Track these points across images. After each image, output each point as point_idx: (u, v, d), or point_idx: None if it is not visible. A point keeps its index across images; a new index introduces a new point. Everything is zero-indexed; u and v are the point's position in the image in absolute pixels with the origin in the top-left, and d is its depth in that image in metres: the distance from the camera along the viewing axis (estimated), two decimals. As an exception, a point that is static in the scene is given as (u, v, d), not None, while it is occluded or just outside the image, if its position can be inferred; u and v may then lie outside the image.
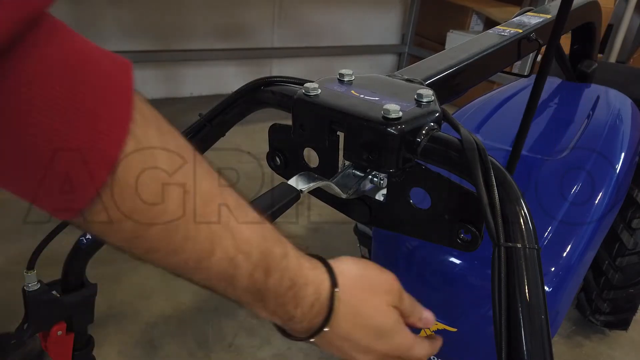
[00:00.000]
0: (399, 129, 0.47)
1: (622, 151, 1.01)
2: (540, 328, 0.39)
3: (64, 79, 0.26)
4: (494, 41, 0.77)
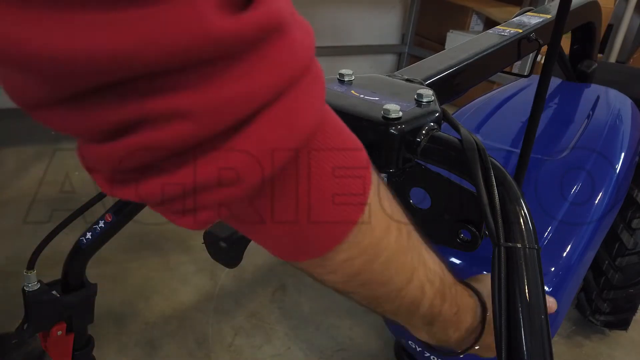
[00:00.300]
0: (399, 129, 0.47)
1: (622, 151, 1.01)
2: (540, 328, 0.39)
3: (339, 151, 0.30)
4: (494, 41, 0.77)
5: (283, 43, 0.23)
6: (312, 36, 0.26)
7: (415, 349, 0.94)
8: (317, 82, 0.26)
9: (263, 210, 0.28)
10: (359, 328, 1.35)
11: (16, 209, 1.64)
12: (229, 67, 0.21)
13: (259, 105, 0.23)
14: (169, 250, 1.55)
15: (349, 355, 1.27)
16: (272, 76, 0.23)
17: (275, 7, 0.22)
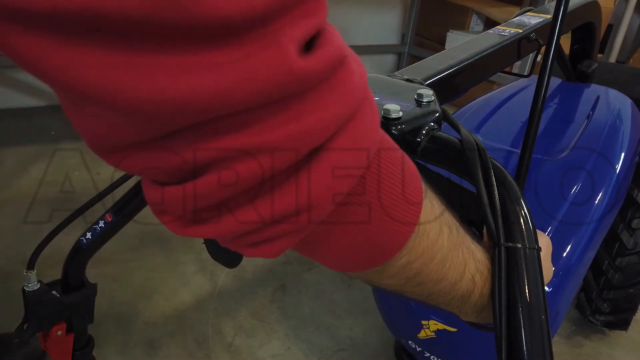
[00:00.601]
0: (399, 129, 0.47)
1: (622, 151, 1.01)
2: (541, 328, 0.39)
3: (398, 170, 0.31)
4: (494, 41, 0.77)
5: (346, 75, 0.25)
6: (362, 65, 0.28)
7: (415, 348, 0.94)
8: (373, 102, 0.28)
9: (329, 230, 0.29)
10: (359, 328, 1.35)
11: (16, 209, 1.64)
12: (304, 102, 0.23)
13: (332, 133, 0.24)
14: (169, 251, 1.55)
15: (348, 355, 1.27)
16: (341, 105, 0.24)
17: (338, 43, 0.25)
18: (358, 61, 0.28)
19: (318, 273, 1.52)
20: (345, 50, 0.26)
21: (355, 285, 1.49)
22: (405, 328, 0.94)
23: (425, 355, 0.93)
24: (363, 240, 0.30)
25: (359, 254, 0.32)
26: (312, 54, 0.22)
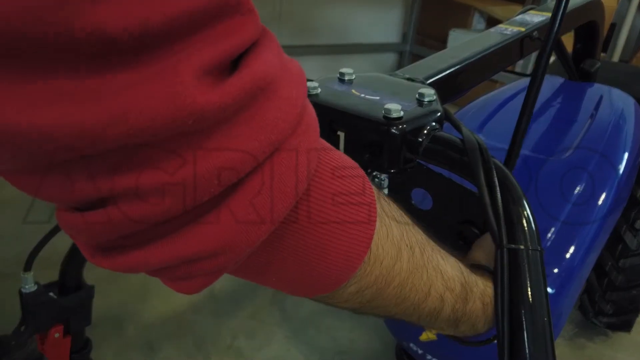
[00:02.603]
0: (400, 128, 0.46)
1: (625, 151, 1.00)
2: (543, 330, 0.39)
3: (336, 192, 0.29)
4: (496, 40, 0.76)
5: (270, 103, 0.22)
6: (301, 82, 0.25)
7: (416, 351, 0.93)
8: (309, 130, 0.26)
9: (263, 264, 0.28)
10: (359, 330, 1.34)
11: (16, 209, 1.64)
12: (211, 137, 0.20)
13: (250, 168, 0.22)
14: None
15: (349, 358, 1.27)
16: (260, 137, 0.22)
17: (260, 69, 0.21)
18: (295, 77, 0.25)
19: (319, 274, 1.51)
20: (272, 73, 0.22)
21: (356, 286, 1.48)
22: (407, 330, 0.94)
23: (427, 358, 0.92)
24: (305, 270, 0.29)
25: (302, 284, 0.31)
26: (221, 86, 0.20)
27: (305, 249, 0.28)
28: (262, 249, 0.27)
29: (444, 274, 0.38)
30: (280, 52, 0.24)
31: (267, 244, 0.26)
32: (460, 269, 0.41)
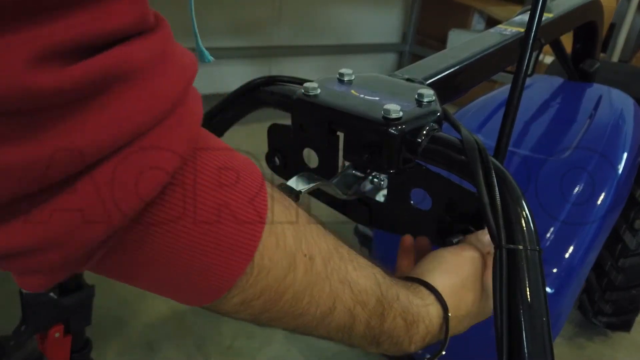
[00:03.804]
0: (400, 129, 0.46)
1: (624, 151, 1.00)
2: (542, 330, 0.39)
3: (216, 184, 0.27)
4: (496, 40, 0.76)
5: (129, 94, 0.21)
6: (184, 76, 0.25)
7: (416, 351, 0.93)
8: (180, 126, 0.24)
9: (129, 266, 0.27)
10: (359, 329, 1.35)
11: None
12: (50, 122, 0.20)
13: (91, 160, 0.21)
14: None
15: (348, 357, 1.27)
16: (109, 130, 0.21)
17: (120, 58, 0.21)
18: (175, 73, 0.24)
19: (318, 274, 1.51)
20: (135, 62, 0.21)
21: (355, 286, 1.48)
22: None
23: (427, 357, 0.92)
24: (178, 279, 0.28)
25: (177, 292, 0.30)
26: (66, 69, 0.19)
27: (176, 256, 0.27)
28: (123, 251, 0.26)
29: (354, 286, 0.36)
30: (167, 44, 0.24)
31: (128, 245, 0.25)
32: (377, 281, 0.39)
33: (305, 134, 0.53)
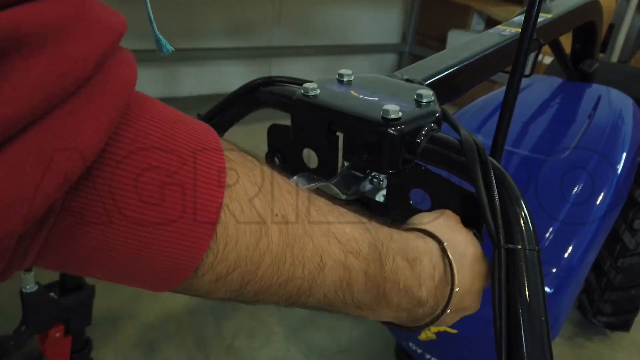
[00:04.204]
0: (399, 129, 0.46)
1: (623, 151, 1.00)
2: (541, 330, 0.39)
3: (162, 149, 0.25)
4: (495, 41, 0.76)
5: (32, 62, 0.19)
6: (103, 35, 0.22)
7: (415, 350, 0.93)
8: (104, 90, 0.22)
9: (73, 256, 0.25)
10: (359, 329, 1.35)
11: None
12: None
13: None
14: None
15: (348, 357, 1.27)
16: (13, 104, 0.19)
17: (14, 21, 0.18)
18: (95, 34, 0.22)
19: (318, 274, 1.51)
20: (42, 26, 0.19)
21: (355, 286, 1.48)
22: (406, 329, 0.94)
23: (426, 357, 0.92)
24: (132, 265, 0.26)
25: (136, 279, 0.27)
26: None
27: (123, 245, 0.25)
28: (61, 245, 0.24)
29: (341, 236, 0.34)
30: (82, 3, 0.21)
31: (63, 238, 0.23)
32: (364, 225, 0.36)
33: (305, 135, 0.53)
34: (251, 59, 2.93)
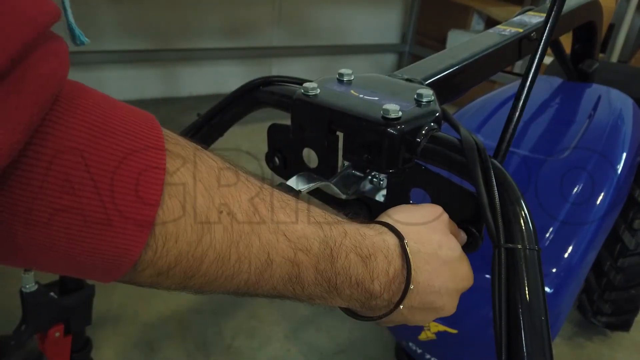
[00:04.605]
0: (399, 129, 0.46)
1: (623, 151, 1.00)
2: (541, 330, 0.39)
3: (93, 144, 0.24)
4: (495, 40, 0.76)
5: None
6: (17, 27, 0.21)
7: (415, 351, 0.93)
8: (22, 88, 0.21)
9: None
10: (359, 330, 1.35)
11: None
12: None
13: None
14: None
15: (348, 357, 1.27)
16: None
17: None
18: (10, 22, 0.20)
19: (318, 274, 1.51)
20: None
21: (355, 286, 1.48)
22: (406, 330, 0.94)
23: (426, 357, 0.92)
24: (60, 259, 0.25)
25: (76, 271, 0.27)
26: None
27: (55, 244, 0.24)
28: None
29: (291, 234, 0.33)
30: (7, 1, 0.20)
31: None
32: (317, 222, 0.36)
33: (305, 134, 0.53)
34: (251, 59, 2.93)
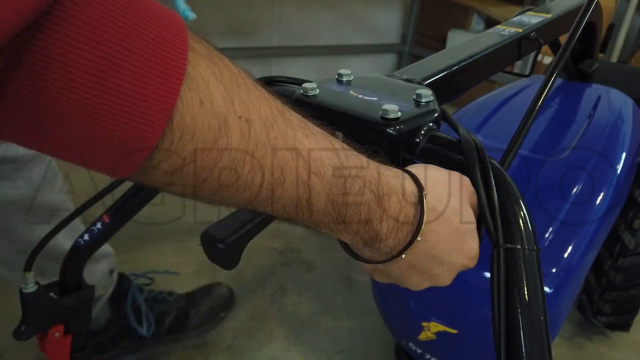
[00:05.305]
0: (398, 129, 0.46)
1: (623, 151, 1.00)
2: (540, 330, 0.39)
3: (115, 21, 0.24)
4: (494, 40, 0.76)
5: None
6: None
7: (415, 351, 0.93)
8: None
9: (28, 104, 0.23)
10: (359, 330, 1.35)
11: (16, 209, 1.64)
12: None
13: None
14: (167, 252, 1.54)
15: (348, 357, 1.27)
16: None
17: None
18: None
19: (318, 274, 1.52)
20: None
21: (355, 286, 1.48)
22: (406, 330, 0.94)
23: (426, 357, 0.92)
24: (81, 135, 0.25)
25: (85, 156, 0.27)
26: None
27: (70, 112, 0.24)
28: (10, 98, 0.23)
29: (307, 155, 0.33)
30: None
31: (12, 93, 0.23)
32: (334, 148, 0.35)
33: (304, 134, 0.53)
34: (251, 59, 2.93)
